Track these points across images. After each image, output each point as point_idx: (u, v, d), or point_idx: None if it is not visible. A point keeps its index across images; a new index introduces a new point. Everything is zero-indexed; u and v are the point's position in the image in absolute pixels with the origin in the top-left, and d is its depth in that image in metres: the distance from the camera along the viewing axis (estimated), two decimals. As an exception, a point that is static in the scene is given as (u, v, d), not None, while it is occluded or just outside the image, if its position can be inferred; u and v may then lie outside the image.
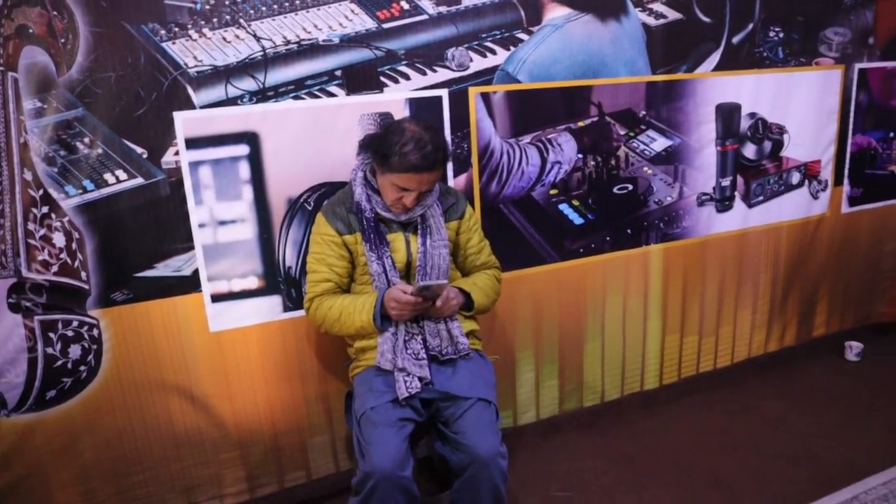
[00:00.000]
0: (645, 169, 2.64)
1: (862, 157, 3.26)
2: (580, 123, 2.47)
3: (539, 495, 2.38)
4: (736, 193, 2.92)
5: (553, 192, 2.49)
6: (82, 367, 1.99)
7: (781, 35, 2.84)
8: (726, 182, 2.87)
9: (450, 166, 2.29)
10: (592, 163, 2.53)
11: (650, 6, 2.50)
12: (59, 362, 1.94)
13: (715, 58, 2.71)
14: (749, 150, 2.90)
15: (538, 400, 2.73)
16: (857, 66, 3.08)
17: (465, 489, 1.78)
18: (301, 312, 2.17)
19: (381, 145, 1.79)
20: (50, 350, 1.93)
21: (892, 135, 3.30)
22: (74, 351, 1.98)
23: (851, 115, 3.14)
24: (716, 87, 2.74)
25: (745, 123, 2.85)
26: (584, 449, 2.67)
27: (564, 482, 2.46)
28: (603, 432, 2.77)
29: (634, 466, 2.52)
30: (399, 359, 1.86)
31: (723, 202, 2.88)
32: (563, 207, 2.52)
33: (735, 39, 2.74)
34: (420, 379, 1.85)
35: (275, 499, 2.33)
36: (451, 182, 2.30)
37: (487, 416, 1.81)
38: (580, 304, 2.68)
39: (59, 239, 1.88)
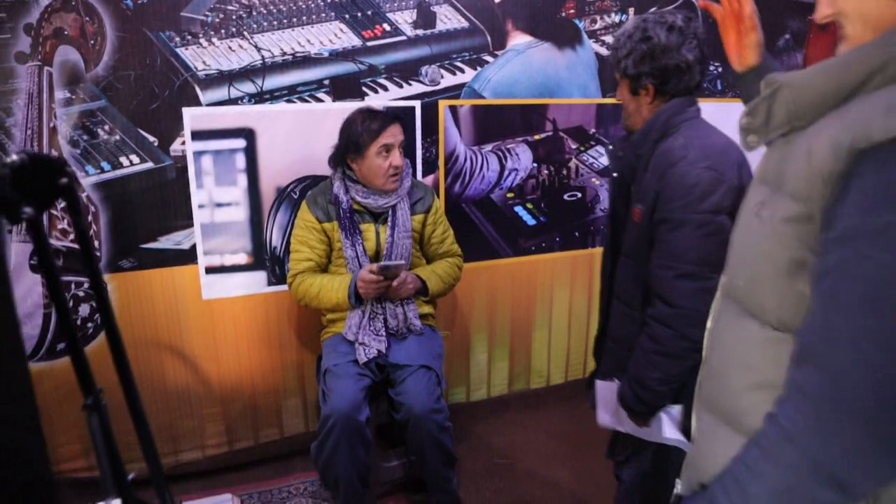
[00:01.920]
0: (593, 180, 2.99)
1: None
2: (536, 136, 2.82)
3: (484, 461, 2.71)
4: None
5: (510, 195, 2.84)
6: (89, 325, 2.29)
7: (720, 69, 3.21)
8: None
9: (419, 167, 2.62)
10: (546, 172, 2.88)
11: (602, 38, 2.86)
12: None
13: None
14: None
15: (490, 379, 3.06)
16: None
17: (412, 439, 2.12)
18: (283, 287, 2.49)
19: (347, 143, 2.12)
20: (53, 303, 2.22)
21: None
22: (84, 309, 2.29)
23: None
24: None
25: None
26: (528, 425, 3.00)
27: (507, 452, 2.79)
28: (546, 412, 3.10)
29: (570, 441, 2.86)
30: (361, 333, 2.19)
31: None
32: (519, 209, 2.87)
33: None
34: (378, 351, 2.19)
35: (250, 452, 2.63)
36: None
37: (426, 379, 2.14)
38: (530, 296, 3.03)
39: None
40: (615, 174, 1.71)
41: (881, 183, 0.71)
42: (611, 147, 1.74)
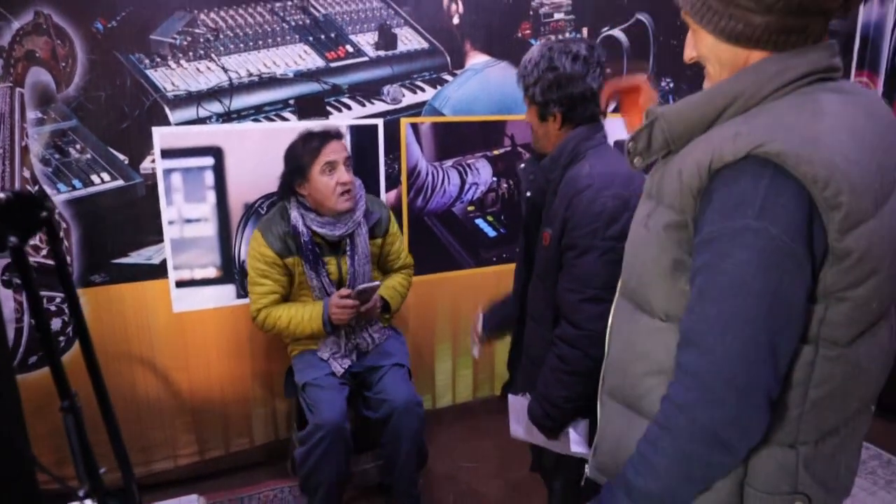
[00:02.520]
0: (551, 193, 3.13)
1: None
2: (495, 152, 2.95)
3: (450, 465, 2.81)
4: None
5: (470, 208, 2.96)
6: (61, 338, 2.35)
7: (672, 85, 3.38)
8: (622, 207, 3.39)
9: (382, 182, 2.73)
10: (505, 185, 3.00)
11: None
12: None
13: (613, 102, 3.23)
14: (642, 181, 3.42)
15: (454, 387, 3.17)
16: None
17: (389, 437, 2.22)
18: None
19: (291, 169, 2.19)
20: (34, 323, 2.28)
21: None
22: (55, 324, 2.34)
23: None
24: (614, 126, 3.25)
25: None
26: (492, 430, 3.10)
27: (472, 456, 2.89)
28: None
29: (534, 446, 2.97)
30: (334, 354, 2.30)
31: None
32: (479, 222, 2.99)
33: (631, 88, 3.27)
34: (351, 362, 2.31)
35: (221, 461, 2.70)
36: (383, 196, 2.74)
37: (401, 374, 2.28)
38: (493, 305, 3.14)
39: (54, 221, 2.25)
40: (528, 193, 1.74)
41: (734, 194, 0.87)
42: (521, 167, 1.80)
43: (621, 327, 1.12)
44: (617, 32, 3.15)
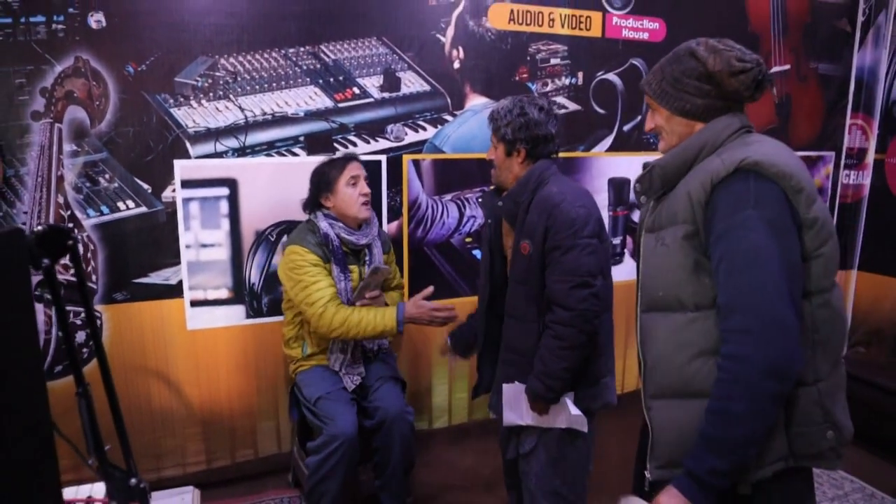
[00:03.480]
0: (546, 226, 3.31)
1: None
2: (492, 187, 3.13)
3: (443, 483, 2.96)
4: (625, 250, 3.59)
5: (468, 239, 3.15)
6: (84, 350, 2.56)
7: (666, 127, 3.56)
8: (617, 241, 3.56)
9: (384, 214, 2.94)
10: (501, 218, 3.19)
11: (554, 99, 3.21)
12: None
13: (608, 141, 3.42)
14: (637, 216, 3.59)
15: (450, 409, 3.32)
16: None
17: (382, 442, 2.40)
18: (260, 319, 2.78)
19: (319, 184, 2.42)
20: (61, 334, 2.51)
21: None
22: (80, 336, 2.56)
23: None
24: (609, 164, 3.45)
25: (633, 194, 3.54)
26: (485, 451, 3.23)
27: (465, 475, 3.04)
28: (504, 439, 3.35)
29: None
30: (345, 364, 2.49)
31: (614, 257, 3.55)
32: (476, 253, 3.17)
33: (626, 127, 3.46)
34: (360, 376, 2.50)
35: (227, 471, 2.88)
36: (385, 226, 2.94)
37: (396, 388, 2.50)
38: (489, 332, 3.30)
39: (78, 249, 2.48)
40: (489, 220, 2.13)
41: (732, 196, 1.25)
42: (480, 199, 2.12)
43: (653, 335, 1.41)
44: (612, 76, 3.35)
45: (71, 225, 2.46)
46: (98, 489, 1.63)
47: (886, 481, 2.98)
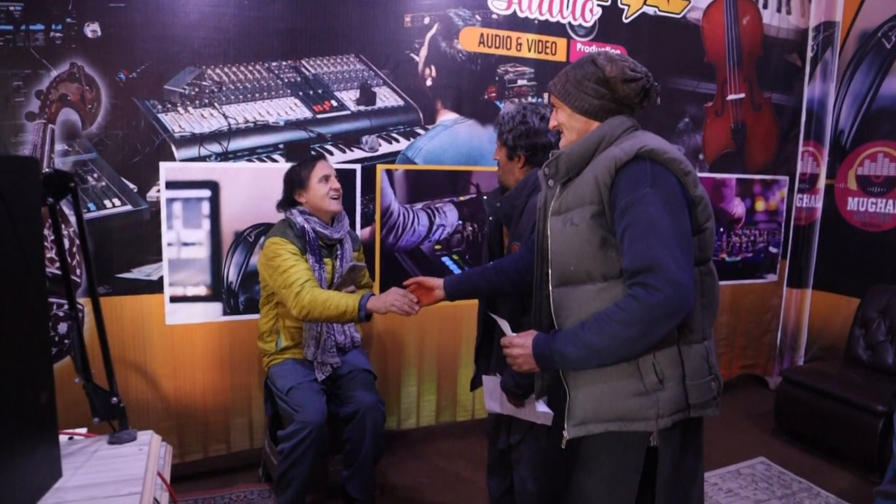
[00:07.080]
0: (513, 237, 3.48)
1: (696, 247, 4.16)
2: (461, 198, 3.33)
3: (409, 481, 3.07)
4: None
5: (437, 247, 3.32)
6: (66, 340, 2.68)
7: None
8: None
9: (358, 220, 3.11)
10: (470, 228, 3.37)
11: (521, 119, 3.41)
12: (50, 335, 2.63)
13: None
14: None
15: (419, 411, 3.45)
16: (690, 177, 4.03)
17: (354, 431, 2.53)
18: (237, 317, 2.92)
19: (292, 183, 2.58)
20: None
21: (721, 229, 4.21)
22: (62, 327, 2.68)
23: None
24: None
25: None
26: (451, 452, 3.37)
27: (430, 473, 3.15)
28: (470, 442, 3.46)
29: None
30: (319, 353, 2.62)
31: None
32: (445, 259, 3.34)
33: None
34: (332, 365, 2.63)
35: (200, 464, 2.98)
36: (358, 231, 3.11)
37: (367, 378, 2.63)
38: (457, 337, 3.45)
39: (63, 243, 2.62)
40: (491, 218, 2.23)
41: (633, 177, 1.43)
42: (485, 198, 2.25)
43: (567, 305, 1.57)
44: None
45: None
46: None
47: (832, 482, 3.14)
